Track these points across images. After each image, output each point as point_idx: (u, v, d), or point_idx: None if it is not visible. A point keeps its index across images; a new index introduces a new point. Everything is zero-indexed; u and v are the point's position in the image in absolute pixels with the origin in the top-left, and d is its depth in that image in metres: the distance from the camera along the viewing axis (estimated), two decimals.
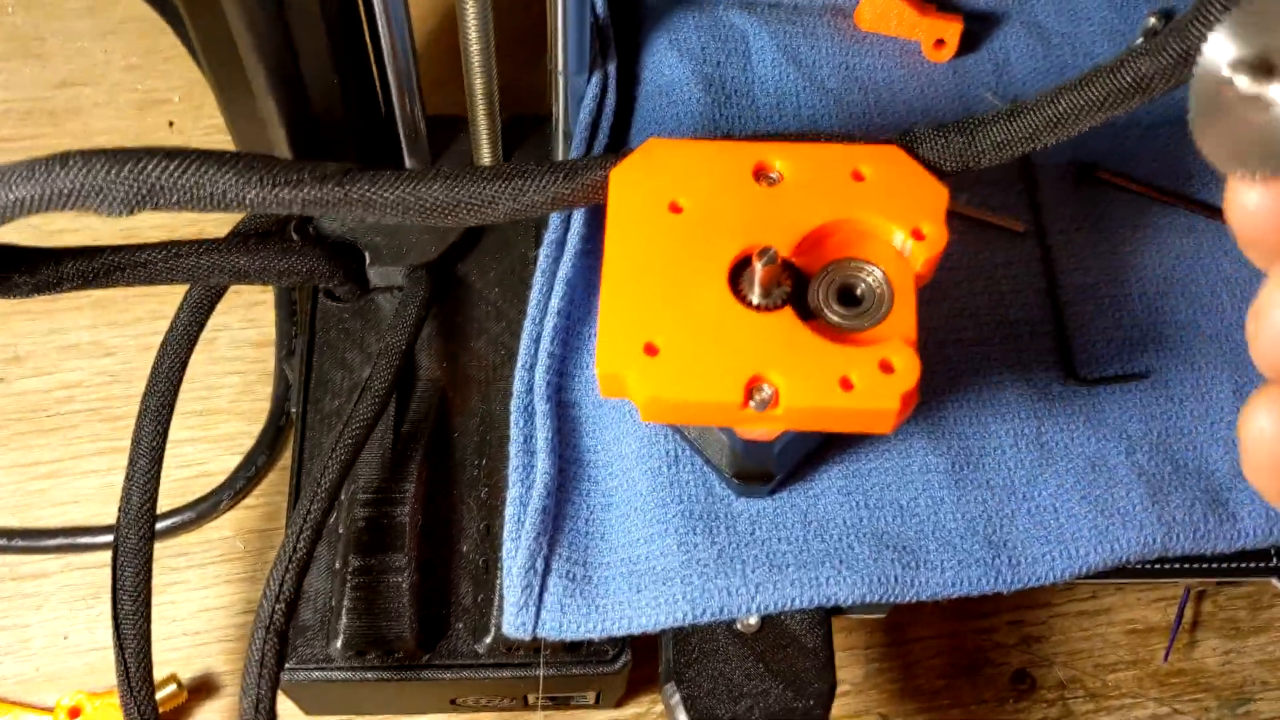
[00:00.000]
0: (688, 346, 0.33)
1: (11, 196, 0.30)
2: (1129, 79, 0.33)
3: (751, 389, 0.33)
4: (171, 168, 0.31)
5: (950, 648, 0.52)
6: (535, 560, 0.39)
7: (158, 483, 0.43)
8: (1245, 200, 0.23)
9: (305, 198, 0.33)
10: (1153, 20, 0.50)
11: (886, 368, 0.33)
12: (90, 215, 0.32)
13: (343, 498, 0.44)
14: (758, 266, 0.33)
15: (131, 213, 0.31)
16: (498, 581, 0.43)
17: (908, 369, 0.33)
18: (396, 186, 0.34)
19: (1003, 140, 0.35)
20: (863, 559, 0.39)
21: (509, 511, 0.41)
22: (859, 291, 0.34)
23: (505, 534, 0.40)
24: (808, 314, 0.34)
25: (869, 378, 0.32)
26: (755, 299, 0.34)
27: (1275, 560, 0.44)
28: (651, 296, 0.34)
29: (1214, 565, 0.43)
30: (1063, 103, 0.33)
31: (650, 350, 0.33)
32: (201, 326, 0.44)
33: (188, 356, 0.43)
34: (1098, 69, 0.33)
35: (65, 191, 0.30)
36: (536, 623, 0.39)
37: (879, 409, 0.32)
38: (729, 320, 0.34)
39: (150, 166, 0.31)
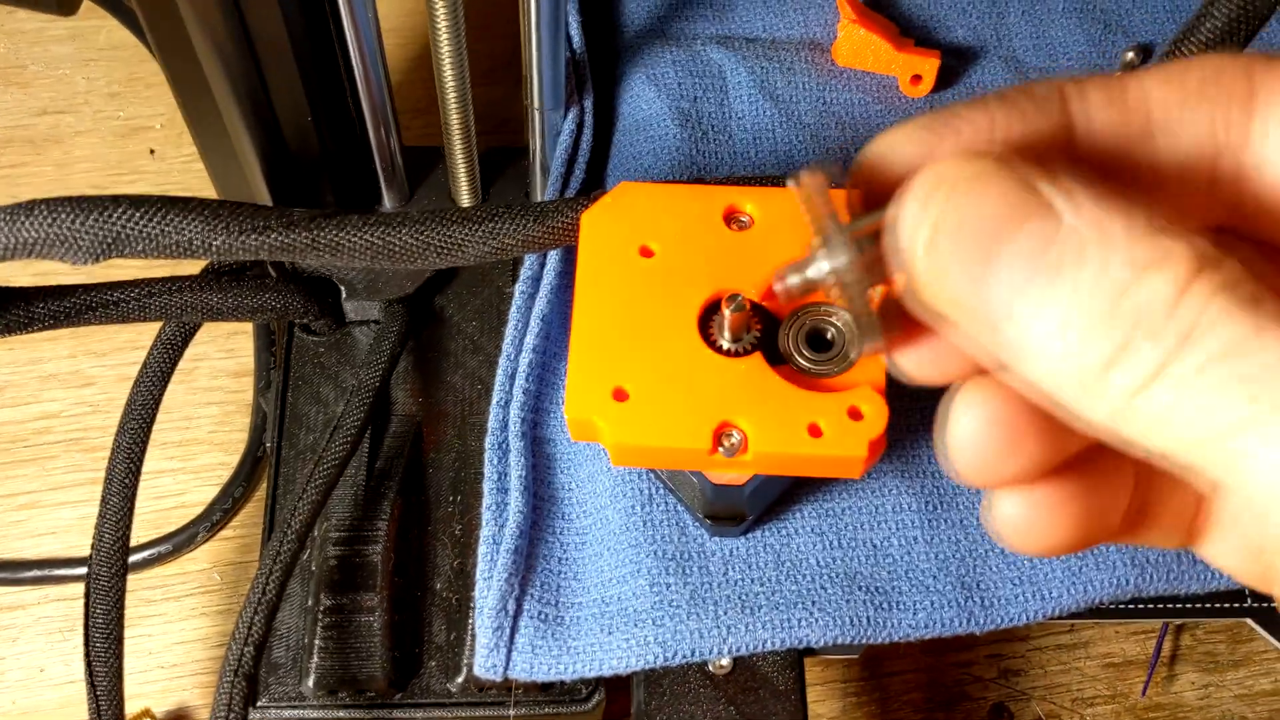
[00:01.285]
0: (657, 392, 0.33)
1: None
2: None
3: (720, 435, 0.33)
4: (137, 216, 0.31)
5: (928, 682, 0.52)
6: (507, 601, 0.39)
7: (130, 520, 0.43)
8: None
9: (272, 244, 0.33)
10: (1130, 55, 0.50)
11: (855, 414, 0.33)
12: None
13: (315, 534, 0.43)
14: (726, 312, 0.33)
15: (98, 261, 0.31)
16: (470, 620, 0.43)
17: (876, 416, 0.32)
18: (364, 231, 0.34)
19: None
20: (835, 600, 0.39)
21: (482, 551, 0.40)
22: (829, 336, 0.34)
23: (478, 574, 0.40)
24: (777, 359, 0.34)
25: (837, 424, 0.32)
26: (725, 344, 0.34)
27: (1249, 601, 0.44)
28: (621, 341, 0.34)
29: (1188, 605, 0.43)
30: None
31: (620, 395, 0.33)
32: (174, 364, 0.44)
33: (161, 394, 0.43)
34: None
35: (30, 241, 0.30)
36: (508, 664, 0.39)
37: (847, 456, 0.32)
38: (698, 365, 0.34)
39: (116, 215, 0.31)
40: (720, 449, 0.33)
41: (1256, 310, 0.18)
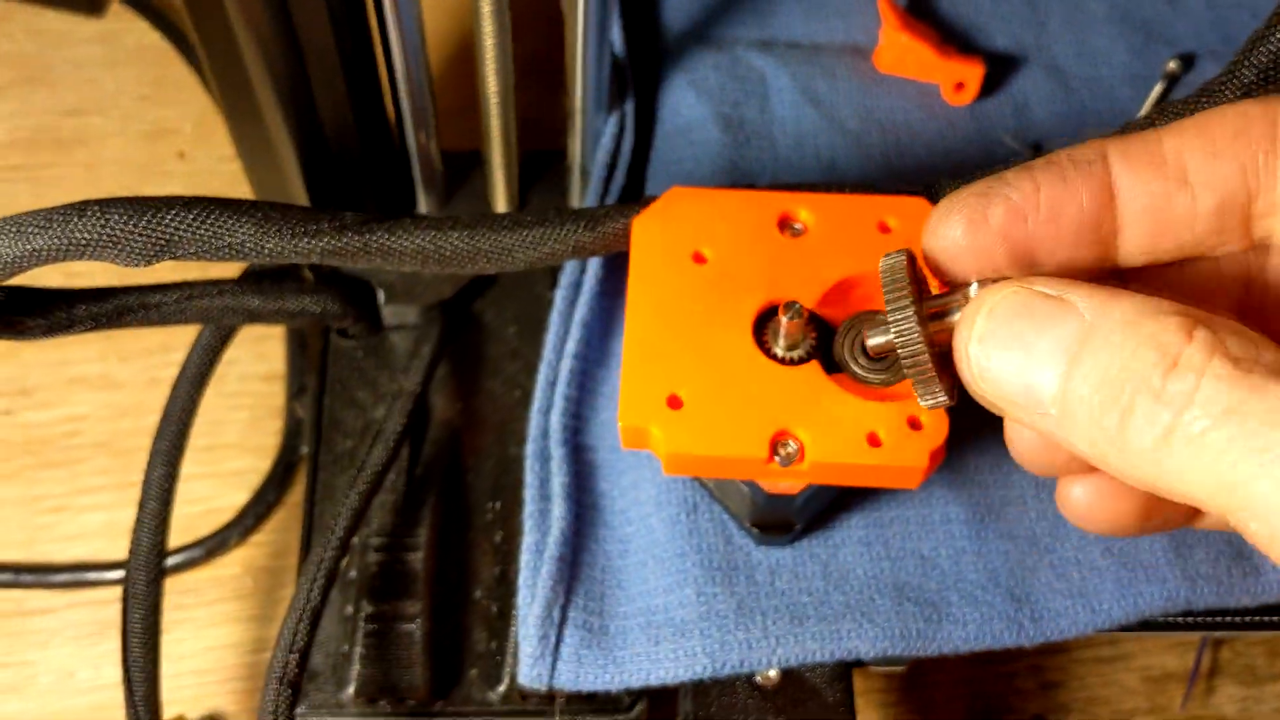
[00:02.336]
0: (712, 400, 0.33)
1: (28, 247, 0.30)
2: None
3: (776, 444, 0.32)
4: (190, 218, 0.31)
5: (969, 693, 0.51)
6: (552, 610, 0.39)
7: (167, 525, 0.42)
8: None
9: (324, 247, 0.33)
10: (1172, 64, 0.50)
11: (915, 424, 0.32)
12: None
13: (355, 542, 0.43)
14: (783, 319, 0.33)
15: (149, 264, 0.31)
16: (512, 629, 0.42)
17: (936, 425, 0.32)
18: (415, 235, 0.34)
19: None
20: (884, 612, 0.39)
21: (525, 558, 0.40)
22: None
23: (521, 581, 0.40)
24: (833, 367, 0.33)
25: (897, 434, 0.32)
26: (780, 352, 0.33)
27: None
28: (675, 348, 0.33)
29: (1236, 619, 0.43)
30: None
31: (674, 403, 0.33)
32: (213, 367, 0.43)
33: (199, 398, 0.43)
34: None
35: (83, 242, 0.30)
36: (553, 674, 0.38)
37: (907, 466, 0.32)
38: (753, 373, 0.33)
39: (169, 217, 0.30)
40: (777, 458, 0.32)
41: (1253, 367, 0.21)
